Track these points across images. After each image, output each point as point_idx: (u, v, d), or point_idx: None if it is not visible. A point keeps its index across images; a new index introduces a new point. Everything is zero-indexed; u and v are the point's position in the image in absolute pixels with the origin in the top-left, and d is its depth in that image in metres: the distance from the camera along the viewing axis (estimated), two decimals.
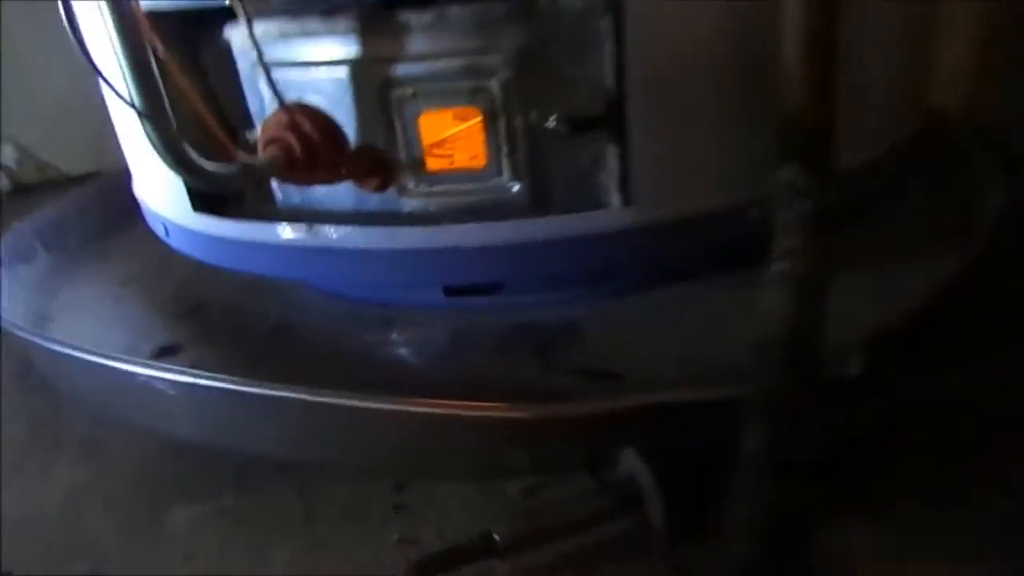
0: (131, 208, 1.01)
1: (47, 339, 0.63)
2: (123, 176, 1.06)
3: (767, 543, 0.38)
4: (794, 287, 0.49)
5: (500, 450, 0.48)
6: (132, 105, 0.48)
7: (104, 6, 0.48)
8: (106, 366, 0.60)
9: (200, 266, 0.81)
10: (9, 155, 1.25)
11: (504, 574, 0.41)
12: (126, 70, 0.49)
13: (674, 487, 0.40)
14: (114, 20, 0.48)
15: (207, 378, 0.56)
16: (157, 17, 0.52)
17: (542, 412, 0.47)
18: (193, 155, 0.53)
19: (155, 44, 0.50)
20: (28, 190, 1.26)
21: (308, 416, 0.54)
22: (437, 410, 0.50)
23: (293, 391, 0.53)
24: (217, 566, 0.45)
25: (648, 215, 0.57)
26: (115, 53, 0.49)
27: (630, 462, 0.42)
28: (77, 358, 0.61)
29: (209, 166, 0.54)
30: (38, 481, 0.55)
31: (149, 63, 0.50)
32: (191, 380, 0.56)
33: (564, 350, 0.62)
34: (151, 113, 0.50)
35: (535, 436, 0.48)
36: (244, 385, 0.54)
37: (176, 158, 0.52)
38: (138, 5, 0.49)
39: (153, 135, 0.51)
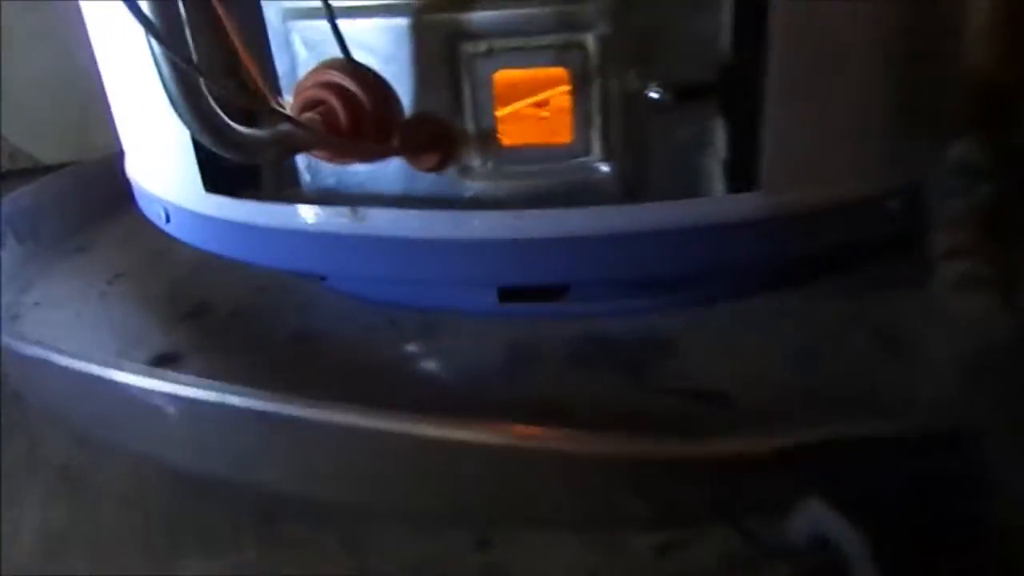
0: (118, 197, 0.89)
1: (17, 339, 0.51)
2: (107, 164, 0.94)
3: None
4: (991, 290, 0.39)
5: (614, 495, 0.37)
6: (150, 29, 0.37)
7: None
8: (90, 374, 0.48)
9: (200, 262, 0.70)
10: None
11: None
12: (158, 17, 0.38)
13: (893, 557, 0.29)
14: None
15: (218, 391, 0.44)
16: None
17: (674, 449, 0.36)
18: (221, 113, 0.42)
19: None
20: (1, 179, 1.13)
21: (350, 444, 0.42)
22: (527, 443, 0.39)
23: (330, 411, 0.42)
24: None
25: (776, 202, 0.47)
26: None
27: (818, 518, 0.32)
28: (55, 364, 0.49)
29: (238, 128, 0.43)
30: (3, 522, 0.43)
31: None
32: (198, 394, 0.45)
33: (656, 366, 0.52)
34: (171, 50, 0.38)
35: (663, 478, 0.37)
36: (265, 401, 0.43)
37: (200, 114, 0.41)
38: None
39: (172, 81, 0.39)
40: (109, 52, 0.59)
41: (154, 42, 0.39)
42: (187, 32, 0.41)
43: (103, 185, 0.91)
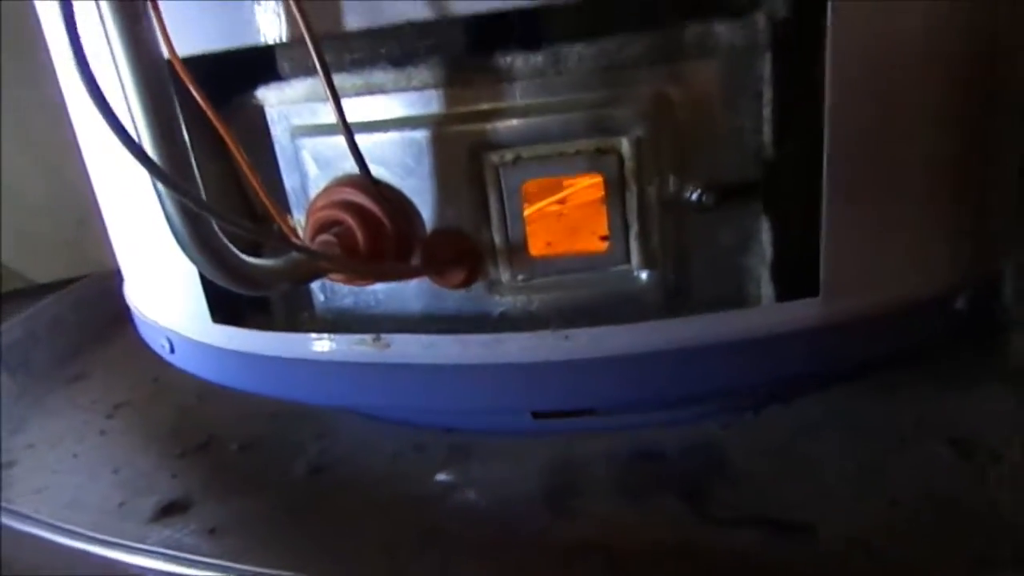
0: (114, 318, 0.86)
1: (10, 515, 0.46)
2: (100, 281, 0.91)
3: None
4: None
5: None
6: (156, 173, 0.33)
7: (120, 48, 0.34)
8: (85, 551, 0.43)
9: (205, 388, 0.65)
10: None
11: None
12: (146, 127, 0.34)
13: None
14: (134, 65, 0.34)
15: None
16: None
17: None
18: (231, 247, 0.38)
19: (196, 94, 0.36)
20: None
21: None
22: None
23: None
24: None
25: (833, 310, 0.43)
26: (130, 107, 0.35)
27: None
28: (48, 541, 0.44)
29: (250, 261, 0.39)
30: None
31: (177, 120, 0.36)
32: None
33: (714, 489, 0.47)
34: (178, 185, 0.35)
35: None
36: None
37: (207, 246, 0.37)
38: (171, 47, 0.36)
39: (178, 217, 0.36)
40: (107, 184, 0.57)
41: (160, 184, 0.36)
42: (193, 165, 0.38)
43: (98, 306, 0.88)
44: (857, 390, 0.55)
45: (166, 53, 0.37)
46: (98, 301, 0.86)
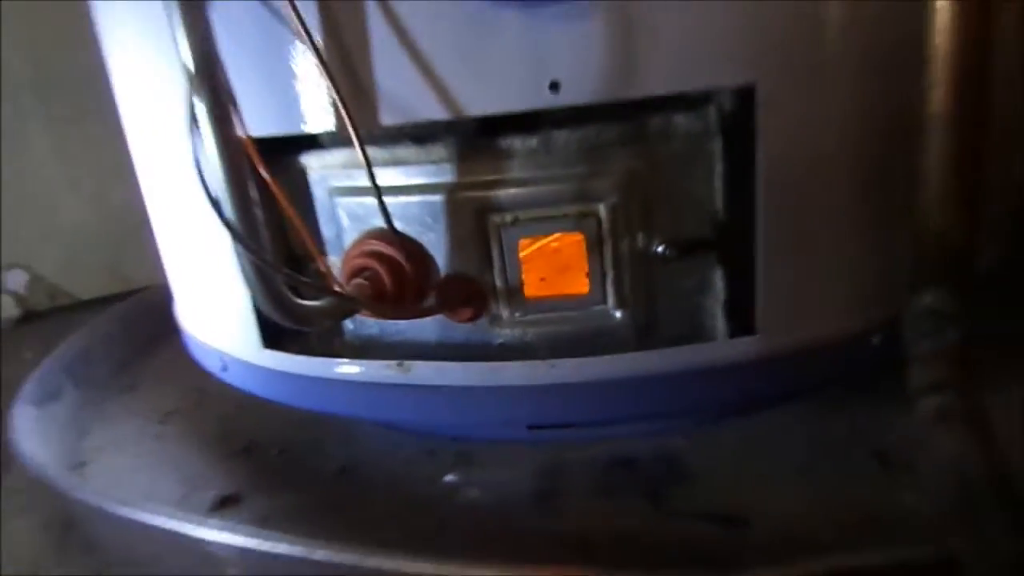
0: (156, 333, 0.96)
1: (91, 494, 0.56)
2: (142, 300, 1.01)
3: None
4: (961, 426, 0.44)
5: None
6: (237, 231, 0.44)
7: (211, 132, 0.44)
8: (157, 526, 0.53)
9: (243, 399, 0.75)
10: (19, 280, 1.19)
11: None
12: (231, 197, 0.45)
13: None
14: (218, 143, 0.45)
15: (266, 539, 0.49)
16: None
17: None
18: (287, 291, 0.48)
19: (260, 169, 0.47)
20: (40, 316, 1.20)
21: None
22: None
23: (362, 555, 0.47)
24: None
25: (772, 344, 0.53)
26: (213, 179, 0.45)
27: None
28: (127, 519, 0.54)
29: (301, 303, 0.50)
30: None
31: (248, 190, 0.46)
32: (249, 542, 0.50)
33: (674, 490, 0.57)
34: (250, 245, 0.45)
35: None
36: (305, 548, 0.48)
37: (271, 293, 0.48)
38: (244, 129, 0.46)
39: (250, 270, 0.46)
40: (170, 229, 0.67)
41: (230, 230, 0.46)
42: (261, 228, 0.48)
43: (143, 322, 0.98)
44: (803, 408, 0.65)
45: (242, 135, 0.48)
46: (143, 317, 0.97)
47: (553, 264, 0.56)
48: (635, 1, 0.45)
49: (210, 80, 0.44)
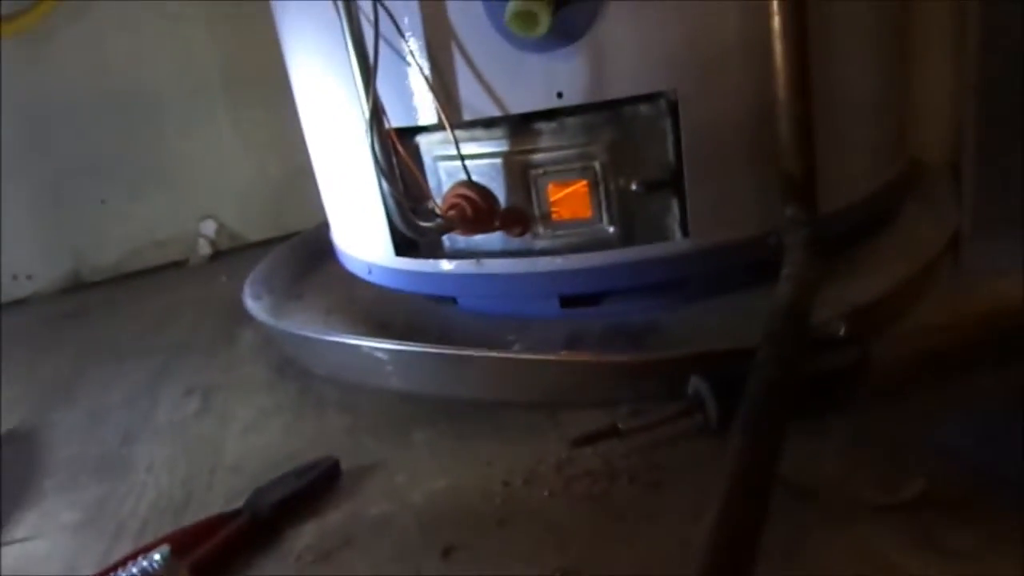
0: (313, 260, 1.37)
1: (311, 331, 0.97)
2: (303, 238, 1.42)
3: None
4: (795, 281, 0.78)
5: (615, 386, 0.78)
6: (387, 181, 0.82)
7: (370, 123, 0.82)
8: (343, 343, 0.92)
9: (375, 299, 1.15)
10: (210, 227, 1.64)
11: (621, 451, 0.70)
12: (382, 162, 0.83)
13: (722, 396, 0.69)
14: (376, 134, 0.82)
15: (416, 346, 0.88)
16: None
17: (639, 358, 0.77)
18: (412, 216, 0.86)
19: (396, 144, 0.85)
20: (224, 254, 1.65)
21: (487, 368, 0.84)
22: (576, 359, 0.81)
23: (477, 351, 0.84)
24: (448, 455, 0.76)
25: (699, 243, 0.87)
26: (373, 152, 0.83)
27: (696, 384, 0.71)
28: (327, 341, 0.94)
29: (420, 223, 0.87)
30: (319, 422, 0.87)
31: (392, 157, 0.84)
32: (402, 347, 0.88)
33: (649, 338, 0.92)
34: (394, 187, 0.83)
35: (636, 375, 0.77)
36: (443, 349, 0.86)
37: (404, 218, 0.85)
38: (390, 125, 0.84)
39: (392, 201, 0.84)
40: (330, 173, 1.06)
41: (384, 182, 0.84)
42: (399, 176, 0.86)
43: (303, 252, 1.39)
44: (745, 291, 0.98)
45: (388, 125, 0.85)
46: (302, 251, 1.38)
47: (569, 199, 0.91)
48: (607, 45, 0.79)
49: (374, 97, 0.82)
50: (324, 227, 1.27)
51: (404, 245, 0.98)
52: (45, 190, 1.53)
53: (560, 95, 0.82)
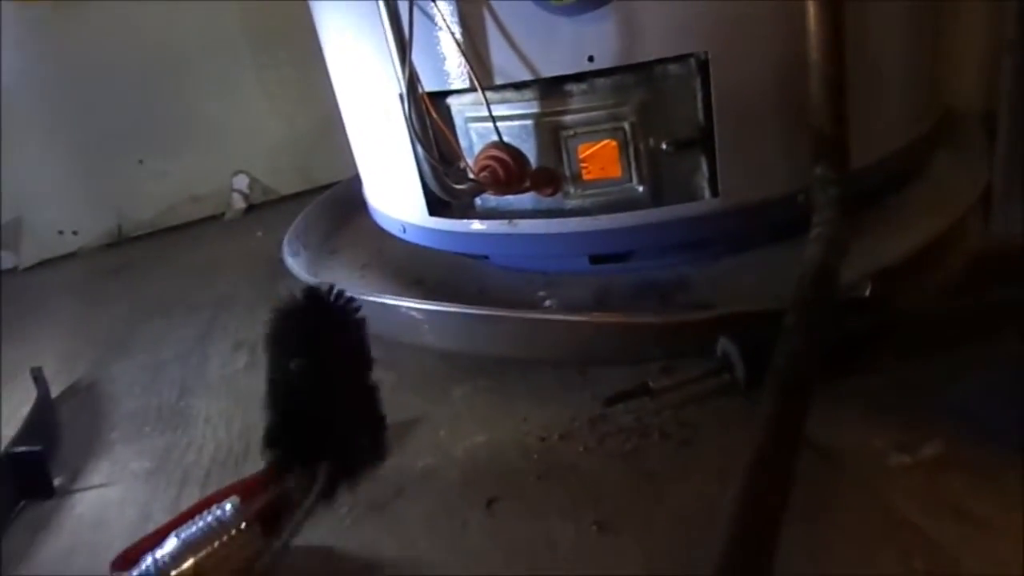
0: (346, 215, 1.40)
1: (349, 290, 1.01)
2: (333, 194, 1.45)
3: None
4: (824, 242, 0.79)
5: (644, 345, 0.81)
6: (421, 144, 0.84)
7: (407, 87, 0.84)
8: (384, 304, 0.96)
9: (410, 255, 1.18)
10: (242, 182, 1.68)
11: (652, 409, 0.74)
12: (416, 126, 0.85)
13: (750, 358, 0.72)
14: (411, 99, 0.84)
15: (447, 306, 0.91)
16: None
17: (668, 319, 0.80)
18: (445, 176, 0.88)
19: (430, 108, 0.86)
20: (258, 207, 1.69)
21: (520, 328, 0.88)
22: (607, 319, 0.84)
23: (511, 312, 0.88)
24: (486, 411, 0.80)
25: (729, 203, 0.88)
26: (408, 117, 0.85)
27: (724, 345, 0.74)
28: (365, 301, 0.97)
29: (454, 184, 0.90)
30: None
31: (425, 119, 0.86)
32: (438, 307, 0.92)
33: (677, 295, 0.94)
34: (428, 150, 0.85)
35: (666, 335, 0.80)
36: (477, 309, 0.90)
37: (438, 180, 0.88)
38: (423, 90, 0.85)
39: (426, 164, 0.87)
40: (364, 133, 1.08)
41: (418, 146, 0.86)
42: (432, 138, 0.88)
43: (336, 207, 1.42)
44: (772, 248, 0.99)
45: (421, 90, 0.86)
46: (335, 206, 1.41)
47: (599, 159, 0.93)
48: (637, 8, 0.79)
49: (409, 64, 0.83)
50: (354, 181, 1.30)
51: (437, 205, 1.01)
52: (87, 150, 1.57)
53: (591, 59, 0.83)
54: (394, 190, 1.08)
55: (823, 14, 0.77)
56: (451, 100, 0.96)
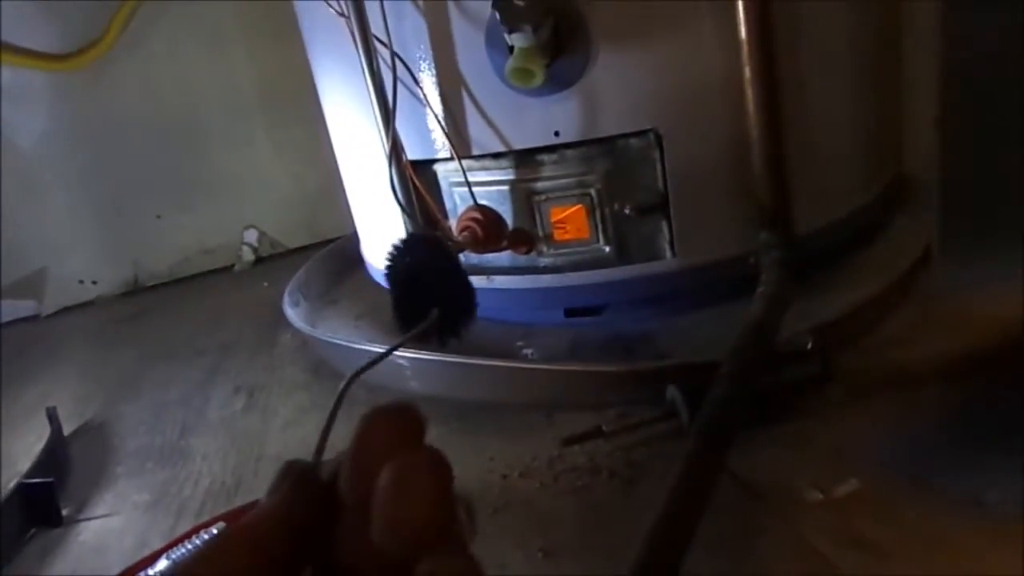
0: (345, 269, 1.50)
1: (341, 339, 1.09)
2: (335, 249, 1.55)
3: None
4: (765, 300, 0.87)
5: (604, 392, 0.89)
6: (402, 207, 0.93)
7: (391, 157, 0.93)
8: (369, 351, 1.04)
9: None
10: (252, 236, 1.79)
11: (605, 450, 0.81)
12: (399, 190, 0.94)
13: (694, 404, 0.79)
14: (394, 168, 0.94)
15: (435, 355, 0.99)
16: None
17: (625, 367, 0.88)
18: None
19: (412, 176, 0.96)
20: (265, 260, 1.79)
21: (495, 375, 0.96)
22: (571, 368, 0.91)
23: (485, 360, 0.96)
24: (457, 450, 0.87)
25: (686, 262, 0.97)
26: (391, 181, 0.94)
27: (672, 392, 0.82)
28: (355, 348, 1.06)
29: None
30: (349, 420, 1.00)
31: (409, 185, 0.96)
32: (423, 356, 1.00)
33: (641, 347, 1.02)
34: (409, 212, 0.95)
35: (623, 383, 0.88)
36: (456, 357, 0.98)
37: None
38: (407, 158, 0.95)
39: (410, 226, 0.96)
40: (360, 193, 1.18)
41: (407, 216, 0.96)
42: (415, 203, 0.98)
43: (336, 260, 1.52)
44: (730, 304, 1.07)
45: (405, 158, 0.96)
46: (336, 259, 1.51)
47: (569, 222, 1.02)
48: (597, 90, 0.89)
49: (393, 134, 0.93)
50: (354, 237, 1.40)
51: None
52: (109, 205, 1.69)
53: (557, 134, 0.93)
54: (384, 246, 1.17)
55: (762, 98, 0.87)
56: (437, 167, 1.06)
